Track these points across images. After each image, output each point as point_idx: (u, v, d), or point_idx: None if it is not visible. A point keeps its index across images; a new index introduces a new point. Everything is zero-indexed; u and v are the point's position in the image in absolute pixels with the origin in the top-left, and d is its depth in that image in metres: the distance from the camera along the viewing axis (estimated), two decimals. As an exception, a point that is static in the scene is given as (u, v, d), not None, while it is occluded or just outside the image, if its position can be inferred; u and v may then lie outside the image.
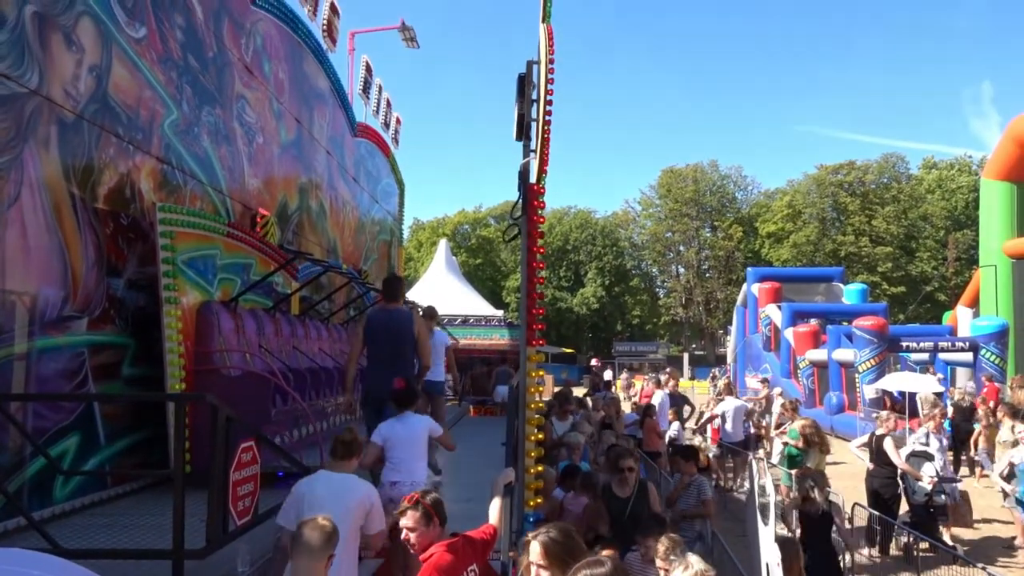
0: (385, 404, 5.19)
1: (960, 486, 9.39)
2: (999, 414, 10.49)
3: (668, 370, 19.92)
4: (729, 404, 12.72)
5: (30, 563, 1.90)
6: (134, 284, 6.45)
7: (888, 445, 8.94)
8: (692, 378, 40.31)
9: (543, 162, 5.46)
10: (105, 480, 5.94)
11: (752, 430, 12.99)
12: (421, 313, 7.61)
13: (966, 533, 9.75)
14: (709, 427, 13.12)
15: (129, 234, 6.42)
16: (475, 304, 29.21)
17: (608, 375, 29.41)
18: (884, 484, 9.00)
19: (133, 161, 6.52)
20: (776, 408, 14.74)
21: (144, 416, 6.38)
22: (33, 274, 5.15)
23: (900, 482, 8.95)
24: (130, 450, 6.26)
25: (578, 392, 14.32)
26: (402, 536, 3.44)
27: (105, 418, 5.93)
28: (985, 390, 16.89)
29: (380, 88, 17.07)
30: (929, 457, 8.97)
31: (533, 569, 2.66)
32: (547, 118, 5.31)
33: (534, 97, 5.54)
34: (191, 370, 6.50)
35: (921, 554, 8.02)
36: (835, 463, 12.77)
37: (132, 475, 6.22)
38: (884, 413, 10.06)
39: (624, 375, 33.50)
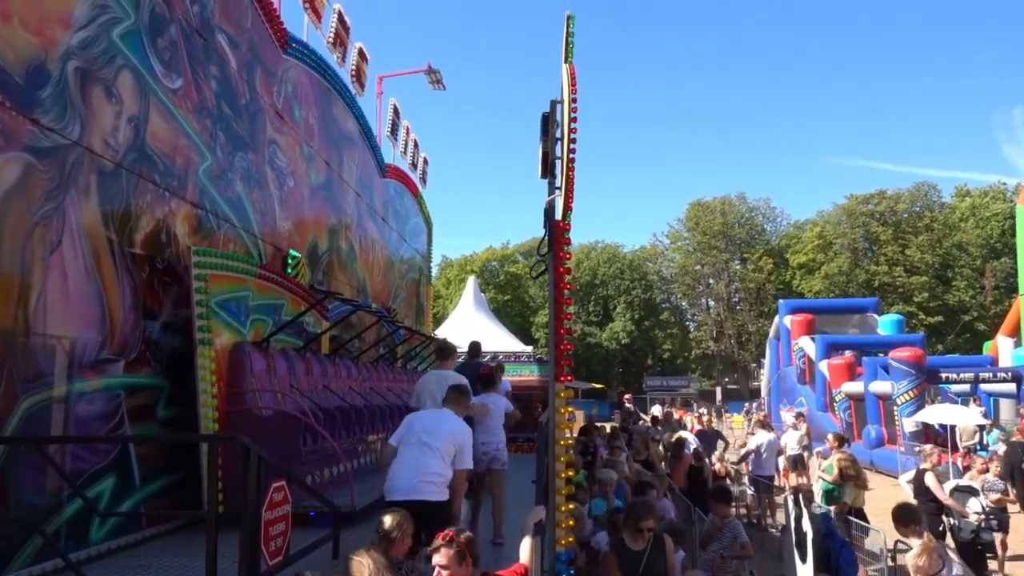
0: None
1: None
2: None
3: (703, 409, 19.74)
4: (763, 437, 12.52)
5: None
6: (169, 327, 6.59)
7: (930, 480, 8.69)
8: (724, 412, 39.64)
9: (568, 199, 5.51)
10: (140, 521, 6.00)
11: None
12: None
13: (1018, 570, 9.39)
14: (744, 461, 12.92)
15: (164, 278, 6.58)
16: (504, 340, 29.23)
17: (657, 410, 28.82)
18: (927, 520, 8.73)
19: (169, 207, 6.71)
20: (790, 441, 14.41)
21: (178, 457, 6.46)
22: (73, 318, 5.29)
23: (944, 519, 8.67)
24: (165, 491, 6.32)
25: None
26: (434, 574, 3.44)
27: (140, 460, 6.02)
28: (1023, 420, 16.38)
29: (408, 130, 17.39)
30: (974, 492, 8.70)
31: None
32: (571, 156, 5.38)
33: (558, 136, 5.62)
34: (224, 411, 6.57)
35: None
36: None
37: (167, 516, 6.27)
38: (928, 447, 9.78)
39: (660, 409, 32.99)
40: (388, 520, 3.86)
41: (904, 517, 5.70)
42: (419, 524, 4.12)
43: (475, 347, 8.47)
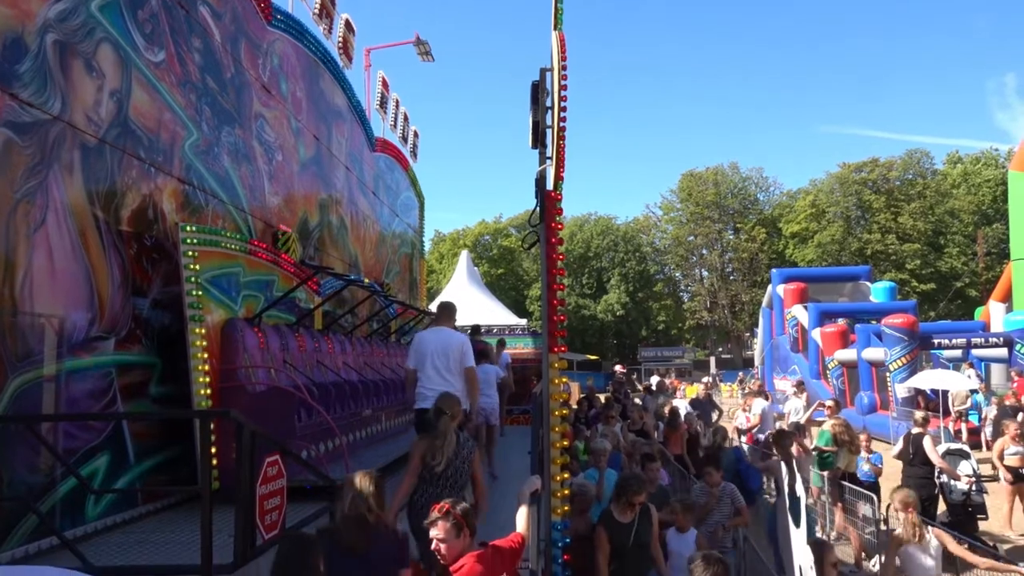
0: None
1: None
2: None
3: (707, 379, 19.93)
4: (762, 405, 12.64)
5: (57, 580, 1.92)
6: (159, 304, 6.54)
7: (927, 444, 8.81)
8: (719, 381, 39.89)
9: (559, 169, 5.45)
10: (136, 498, 6.00)
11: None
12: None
13: (1007, 532, 9.54)
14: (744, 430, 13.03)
15: (153, 255, 6.51)
16: (498, 314, 29.25)
17: (654, 380, 28.81)
18: (920, 484, 8.83)
19: (155, 183, 6.62)
20: (793, 408, 14.52)
21: (173, 434, 6.45)
22: (60, 297, 5.24)
23: (936, 482, 8.79)
24: (161, 468, 6.32)
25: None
26: (432, 547, 3.44)
27: (135, 437, 6.00)
28: (1015, 384, 16.52)
29: (397, 103, 17.20)
30: (965, 455, 8.83)
31: None
32: (562, 124, 5.31)
33: (548, 104, 5.54)
34: (217, 387, 6.55)
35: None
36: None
37: (162, 492, 6.28)
38: (919, 414, 9.91)
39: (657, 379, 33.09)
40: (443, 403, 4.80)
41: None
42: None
43: (476, 328, 10.96)
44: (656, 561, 5.26)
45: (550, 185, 5.53)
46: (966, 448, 9.29)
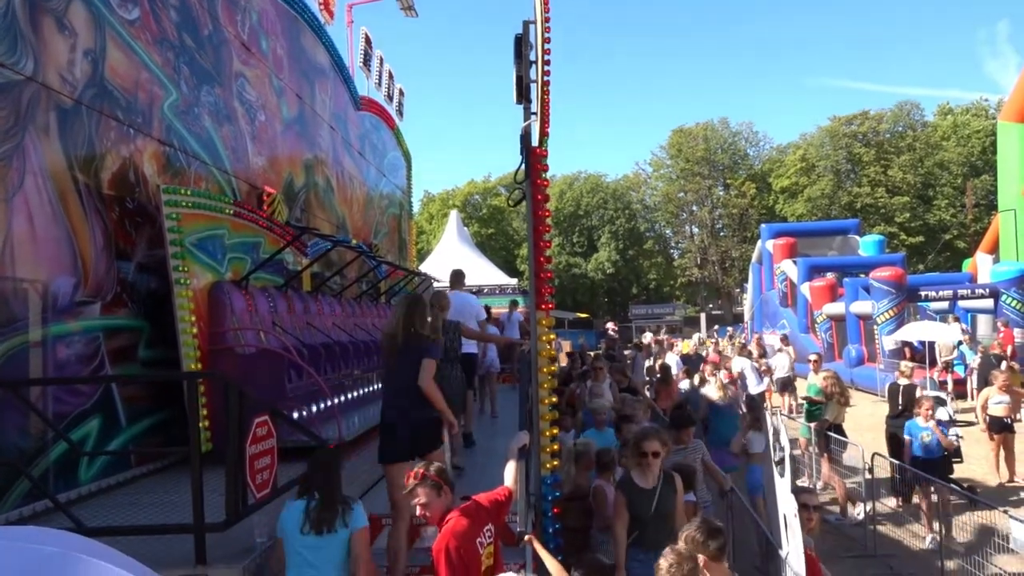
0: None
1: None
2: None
3: (699, 336, 20.14)
4: (741, 363, 12.77)
5: (43, 540, 1.93)
6: (144, 267, 6.49)
7: (918, 393, 9.02)
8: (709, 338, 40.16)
9: (544, 124, 5.39)
10: (129, 460, 6.04)
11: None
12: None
13: (988, 478, 9.76)
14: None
15: (136, 218, 6.44)
16: (489, 273, 29.28)
17: (648, 338, 28.81)
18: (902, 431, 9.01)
19: (135, 145, 6.52)
20: (780, 363, 14.71)
21: (164, 397, 6.47)
22: (42, 262, 5.19)
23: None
24: (153, 430, 6.35)
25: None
26: (418, 513, 3.49)
27: (125, 400, 6.02)
28: (1001, 334, 16.72)
29: (381, 60, 16.89)
30: (942, 402, 9.02)
31: None
32: (546, 79, 5.24)
33: (532, 58, 5.45)
34: (206, 350, 6.55)
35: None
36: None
37: (154, 454, 6.32)
38: (905, 364, 10.09)
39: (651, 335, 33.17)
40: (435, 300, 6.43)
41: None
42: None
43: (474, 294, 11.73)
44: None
45: (535, 141, 5.47)
46: (943, 395, 9.51)
